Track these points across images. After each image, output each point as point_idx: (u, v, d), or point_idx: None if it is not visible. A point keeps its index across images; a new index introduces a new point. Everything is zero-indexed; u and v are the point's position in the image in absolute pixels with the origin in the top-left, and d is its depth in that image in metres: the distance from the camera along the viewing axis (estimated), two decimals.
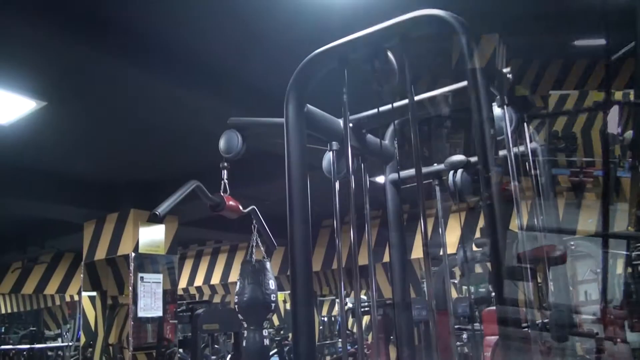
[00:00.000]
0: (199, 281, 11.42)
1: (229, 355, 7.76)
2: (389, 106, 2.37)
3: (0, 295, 11.71)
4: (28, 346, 10.68)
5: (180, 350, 7.63)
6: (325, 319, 13.39)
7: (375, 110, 2.45)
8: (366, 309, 6.56)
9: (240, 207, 3.14)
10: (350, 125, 2.42)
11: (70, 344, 9.41)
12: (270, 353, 8.87)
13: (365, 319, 8.62)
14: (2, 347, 9.56)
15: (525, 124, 2.37)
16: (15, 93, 4.10)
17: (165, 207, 2.63)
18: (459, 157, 2.85)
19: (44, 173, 6.34)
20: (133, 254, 6.63)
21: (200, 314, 4.76)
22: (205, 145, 3.90)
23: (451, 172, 2.84)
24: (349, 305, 9.29)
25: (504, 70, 2.22)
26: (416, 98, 2.25)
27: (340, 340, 10.75)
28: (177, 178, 3.37)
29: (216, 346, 9.24)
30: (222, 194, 3.07)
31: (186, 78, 4.06)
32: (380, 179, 2.89)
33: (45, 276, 10.92)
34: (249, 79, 4.37)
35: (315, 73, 2.06)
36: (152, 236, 6.92)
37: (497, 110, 2.03)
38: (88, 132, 5.20)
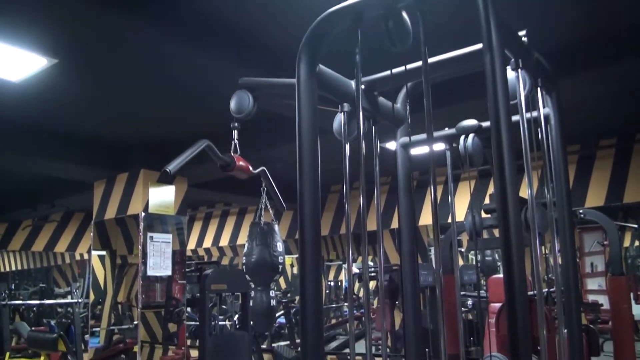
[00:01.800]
0: (207, 243, 11.50)
1: (237, 315, 7.86)
2: (402, 68, 2.35)
3: (10, 252, 11.85)
4: (38, 302, 10.83)
5: (189, 309, 7.73)
6: (332, 283, 13.51)
7: (388, 72, 2.43)
8: (373, 274, 6.60)
9: (250, 168, 3.15)
10: (363, 87, 2.40)
11: (80, 300, 9.53)
12: (277, 315, 8.98)
13: (371, 284, 8.69)
14: (13, 302, 9.70)
15: (539, 89, 2.33)
16: (26, 50, 4.07)
17: (176, 165, 2.64)
18: (470, 122, 2.82)
19: (54, 131, 6.35)
20: (143, 214, 6.68)
21: (208, 274, 4.79)
22: (216, 106, 3.89)
23: (462, 137, 2.81)
24: (356, 270, 9.37)
25: (520, 32, 2.18)
26: (430, 60, 2.22)
27: (346, 304, 10.86)
28: (188, 139, 3.36)
29: (224, 306, 9.34)
30: (232, 154, 3.07)
31: (198, 37, 4.02)
32: (391, 145, 2.87)
33: (56, 234, 11.04)
34: (261, 38, 4.33)
35: (328, 32, 2.03)
36: (162, 197, 6.96)
37: (510, 74, 2.00)
38: (99, 90, 5.18)
